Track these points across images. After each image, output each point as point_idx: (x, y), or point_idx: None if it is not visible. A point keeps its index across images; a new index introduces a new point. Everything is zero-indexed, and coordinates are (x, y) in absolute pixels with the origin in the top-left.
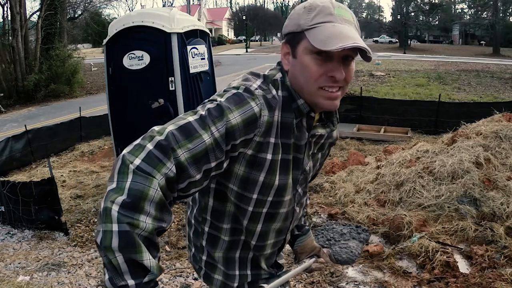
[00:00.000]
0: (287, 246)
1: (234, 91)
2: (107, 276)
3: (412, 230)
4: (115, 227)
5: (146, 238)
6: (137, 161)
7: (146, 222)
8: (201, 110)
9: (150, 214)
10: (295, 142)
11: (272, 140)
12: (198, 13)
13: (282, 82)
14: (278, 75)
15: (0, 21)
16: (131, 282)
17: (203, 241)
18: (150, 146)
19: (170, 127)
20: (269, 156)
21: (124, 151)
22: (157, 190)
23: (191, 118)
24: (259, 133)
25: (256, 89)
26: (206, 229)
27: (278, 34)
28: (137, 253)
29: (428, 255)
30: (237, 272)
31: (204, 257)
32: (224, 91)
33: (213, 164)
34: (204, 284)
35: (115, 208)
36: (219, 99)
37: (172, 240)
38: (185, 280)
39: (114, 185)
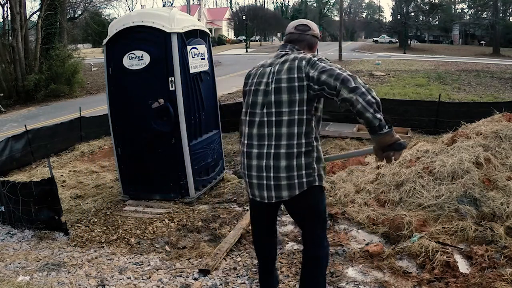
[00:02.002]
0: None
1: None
2: (379, 116)
3: (412, 230)
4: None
5: None
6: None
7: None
8: (340, 70)
9: None
10: None
11: None
12: (198, 13)
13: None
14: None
15: (0, 21)
16: (385, 128)
17: (314, 153)
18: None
19: (344, 73)
20: None
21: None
22: None
23: (337, 70)
24: None
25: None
26: (314, 143)
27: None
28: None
29: (428, 255)
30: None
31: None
32: (318, 60)
33: None
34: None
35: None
36: (324, 63)
37: (172, 240)
38: (185, 280)
39: (364, 89)
